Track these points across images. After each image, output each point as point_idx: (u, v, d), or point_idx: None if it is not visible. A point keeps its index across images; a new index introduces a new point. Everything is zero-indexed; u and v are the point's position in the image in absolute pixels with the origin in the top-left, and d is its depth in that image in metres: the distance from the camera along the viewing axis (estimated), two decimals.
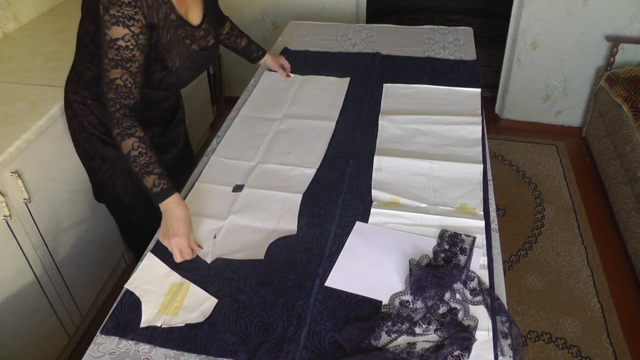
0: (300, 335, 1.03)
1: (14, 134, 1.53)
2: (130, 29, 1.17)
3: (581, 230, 2.37)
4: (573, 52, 2.83)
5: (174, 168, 1.65)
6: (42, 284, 1.67)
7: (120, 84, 1.21)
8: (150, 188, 1.20)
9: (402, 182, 1.41)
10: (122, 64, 1.19)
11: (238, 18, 3.16)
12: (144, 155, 1.20)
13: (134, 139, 1.20)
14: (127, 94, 1.22)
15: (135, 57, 1.20)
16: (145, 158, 1.20)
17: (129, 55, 1.19)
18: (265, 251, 1.22)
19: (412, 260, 1.16)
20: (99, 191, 1.61)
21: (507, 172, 2.77)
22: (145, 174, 1.19)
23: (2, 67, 1.90)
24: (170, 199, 1.20)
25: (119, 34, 1.17)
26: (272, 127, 1.68)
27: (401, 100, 1.79)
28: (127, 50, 1.19)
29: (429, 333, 1.02)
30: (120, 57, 1.19)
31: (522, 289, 2.10)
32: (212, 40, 1.44)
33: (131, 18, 1.17)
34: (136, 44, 1.19)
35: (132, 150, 1.20)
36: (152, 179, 1.20)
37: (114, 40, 1.17)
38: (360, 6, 3.02)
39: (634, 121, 2.32)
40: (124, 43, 1.18)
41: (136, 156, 1.19)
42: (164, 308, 1.10)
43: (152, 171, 1.20)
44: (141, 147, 1.20)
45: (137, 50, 1.20)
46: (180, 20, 1.30)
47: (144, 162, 1.19)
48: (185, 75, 1.39)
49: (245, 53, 1.88)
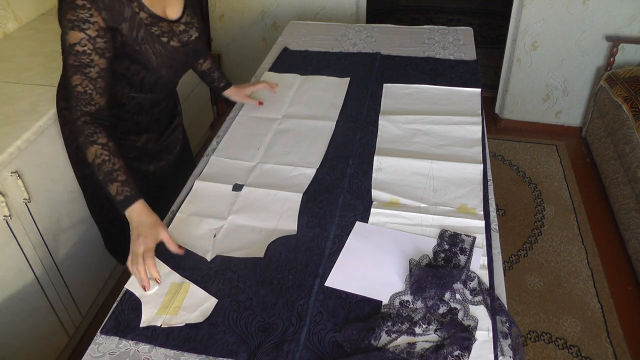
0: (300, 335, 1.03)
1: (14, 134, 1.53)
2: (86, 32, 1.13)
3: (581, 230, 2.37)
4: (573, 52, 2.83)
5: (170, 174, 1.62)
6: (42, 284, 1.67)
7: (81, 90, 1.17)
8: (114, 196, 1.16)
9: (402, 182, 1.41)
10: (81, 70, 1.16)
11: (238, 18, 3.16)
12: (107, 162, 1.17)
13: (96, 147, 1.17)
14: (87, 101, 1.18)
15: (94, 61, 1.17)
16: (109, 165, 1.17)
17: (87, 60, 1.16)
18: (265, 250, 1.22)
19: (412, 260, 1.16)
20: (92, 200, 1.57)
21: (507, 172, 2.77)
22: (109, 181, 1.16)
23: (2, 67, 1.90)
24: (134, 206, 1.16)
25: (75, 38, 1.14)
26: (272, 127, 1.68)
27: (401, 100, 1.79)
28: (85, 55, 1.15)
29: (429, 333, 1.02)
30: (79, 62, 1.16)
31: (522, 289, 2.10)
32: (195, 34, 1.37)
33: (86, 21, 1.13)
34: (93, 48, 1.15)
35: (96, 158, 1.17)
36: (116, 186, 1.16)
37: (72, 46, 1.14)
38: (360, 6, 3.02)
39: (634, 121, 2.32)
40: (81, 48, 1.14)
41: (100, 164, 1.16)
42: (164, 308, 1.10)
43: (115, 178, 1.16)
44: (104, 155, 1.17)
45: (96, 55, 1.16)
46: (154, 17, 1.25)
47: (107, 170, 1.16)
48: (167, 74, 1.33)
49: (205, 79, 1.70)
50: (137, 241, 1.13)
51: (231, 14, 3.17)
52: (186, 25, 1.35)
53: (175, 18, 1.32)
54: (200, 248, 1.24)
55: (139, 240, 1.12)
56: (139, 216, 1.16)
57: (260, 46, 3.24)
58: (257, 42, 3.24)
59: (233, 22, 3.19)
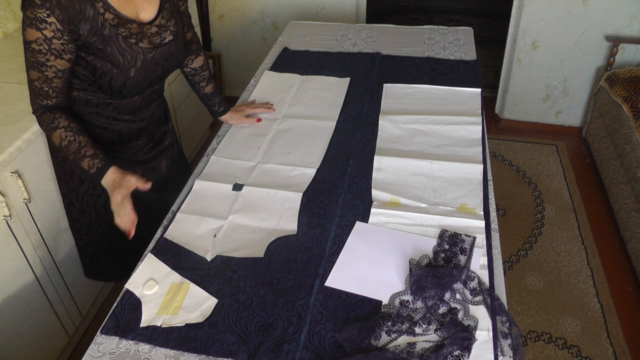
0: (300, 335, 1.03)
1: (14, 134, 1.53)
2: (42, 32, 1.13)
3: (581, 230, 2.37)
4: (573, 52, 2.83)
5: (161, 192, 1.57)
6: (42, 284, 1.67)
7: (38, 85, 1.20)
8: (87, 170, 1.25)
9: (402, 182, 1.41)
10: (38, 67, 1.17)
11: (238, 18, 3.16)
12: (73, 142, 1.23)
13: (59, 130, 1.23)
14: (44, 96, 1.21)
15: (50, 61, 1.17)
16: (75, 145, 1.23)
17: (43, 59, 1.16)
18: (265, 250, 1.22)
19: (412, 260, 1.17)
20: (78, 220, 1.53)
21: (507, 172, 2.77)
22: (79, 159, 1.24)
23: (2, 67, 1.90)
24: (107, 174, 1.25)
25: (32, 36, 1.14)
26: (272, 127, 1.68)
27: (401, 100, 1.79)
28: (41, 55, 1.16)
29: (429, 333, 1.02)
30: (35, 60, 1.16)
31: (522, 289, 2.10)
32: (169, 37, 1.33)
33: (43, 21, 1.12)
34: (49, 48, 1.15)
35: (62, 141, 1.23)
36: (87, 161, 1.24)
37: (28, 43, 1.15)
38: (360, 6, 3.02)
39: (634, 121, 2.32)
40: (37, 47, 1.15)
41: (67, 145, 1.23)
42: (164, 308, 1.10)
43: (85, 155, 1.24)
44: (69, 136, 1.23)
45: (52, 55, 1.16)
46: (122, 19, 1.22)
47: (74, 150, 1.24)
48: (135, 75, 1.28)
49: (205, 101, 1.68)
50: (113, 194, 1.22)
51: (231, 14, 3.17)
52: (159, 28, 1.31)
53: (148, 20, 1.29)
54: (200, 248, 1.24)
55: (115, 192, 1.22)
56: (112, 177, 1.25)
57: (260, 46, 3.24)
58: (257, 42, 3.24)
59: (233, 22, 3.19)
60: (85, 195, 1.47)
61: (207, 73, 1.64)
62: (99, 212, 1.49)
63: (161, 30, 1.32)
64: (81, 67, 1.25)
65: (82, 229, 1.55)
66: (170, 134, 1.62)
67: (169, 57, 1.36)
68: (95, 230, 1.54)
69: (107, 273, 1.66)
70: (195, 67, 1.61)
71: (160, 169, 1.57)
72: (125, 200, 1.21)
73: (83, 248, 1.61)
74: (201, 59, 1.61)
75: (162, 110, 1.57)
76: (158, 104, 1.51)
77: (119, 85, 1.28)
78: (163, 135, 1.58)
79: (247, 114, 1.72)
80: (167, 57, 1.35)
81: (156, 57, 1.32)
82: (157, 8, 1.31)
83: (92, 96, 1.31)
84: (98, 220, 1.51)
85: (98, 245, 1.58)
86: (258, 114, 1.73)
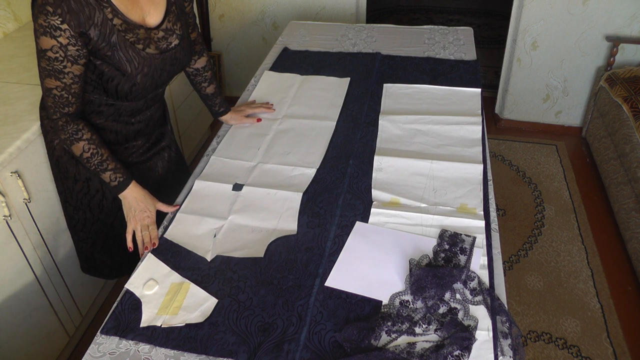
0: (300, 335, 1.03)
1: (14, 134, 1.53)
2: (57, 39, 1.13)
3: (581, 230, 2.37)
4: (573, 52, 2.83)
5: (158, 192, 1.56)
6: (42, 284, 1.67)
7: (57, 94, 1.20)
8: (108, 182, 1.31)
9: (402, 182, 1.41)
10: (55, 75, 1.17)
11: (238, 18, 3.16)
12: (96, 155, 1.28)
13: (83, 142, 1.26)
14: (65, 103, 1.22)
15: (67, 68, 1.17)
16: (98, 157, 1.28)
17: (60, 67, 1.16)
18: (265, 250, 1.22)
19: (412, 260, 1.17)
20: (74, 216, 1.53)
21: (507, 172, 2.77)
22: (101, 171, 1.29)
23: (2, 67, 1.90)
24: (128, 189, 1.32)
25: (47, 44, 1.13)
26: (272, 127, 1.68)
27: (401, 100, 1.79)
28: (57, 62, 1.15)
29: (429, 333, 1.02)
30: (52, 67, 1.16)
31: (522, 289, 2.10)
32: (175, 41, 1.33)
33: (57, 28, 1.11)
34: (65, 55, 1.15)
35: (84, 153, 1.27)
36: (109, 174, 1.30)
37: (44, 51, 1.15)
38: (360, 6, 3.02)
39: (634, 121, 2.32)
40: (53, 54, 1.14)
41: (89, 157, 1.27)
42: (164, 308, 1.10)
43: (106, 168, 1.29)
44: (92, 148, 1.27)
45: (68, 62, 1.16)
46: (129, 24, 1.22)
47: (97, 162, 1.28)
48: (142, 81, 1.29)
49: (206, 102, 1.69)
50: (138, 214, 1.30)
51: (231, 14, 3.17)
52: (166, 32, 1.31)
53: (155, 25, 1.29)
54: (200, 248, 1.24)
55: (143, 215, 1.30)
56: (133, 193, 1.32)
57: (260, 46, 3.24)
58: (257, 42, 3.24)
59: (233, 22, 3.19)
60: (80, 194, 1.47)
61: (209, 73, 1.64)
62: (93, 211, 1.50)
63: (167, 35, 1.32)
64: (89, 71, 1.25)
65: (77, 226, 1.56)
66: (168, 135, 1.61)
67: (175, 62, 1.36)
68: (90, 228, 1.54)
69: (102, 270, 1.66)
70: (198, 67, 1.60)
71: (156, 169, 1.57)
72: (153, 227, 1.30)
73: (79, 244, 1.61)
74: (204, 59, 1.61)
75: (161, 112, 1.57)
76: (157, 106, 1.51)
77: (125, 91, 1.29)
78: (160, 136, 1.58)
79: (247, 114, 1.72)
80: (173, 61, 1.35)
81: (163, 62, 1.32)
82: (163, 11, 1.31)
83: (95, 97, 1.31)
84: (92, 219, 1.52)
85: (93, 242, 1.58)
86: (258, 114, 1.74)
